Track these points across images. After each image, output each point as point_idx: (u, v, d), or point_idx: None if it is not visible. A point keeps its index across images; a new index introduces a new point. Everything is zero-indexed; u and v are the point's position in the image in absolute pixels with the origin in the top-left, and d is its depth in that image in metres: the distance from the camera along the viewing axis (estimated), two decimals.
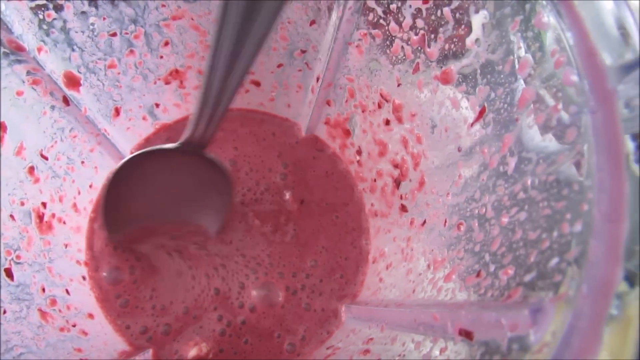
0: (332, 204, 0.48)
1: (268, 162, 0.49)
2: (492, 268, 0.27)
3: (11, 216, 0.34)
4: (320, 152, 0.50)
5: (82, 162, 0.41)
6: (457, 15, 0.30)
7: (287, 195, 0.48)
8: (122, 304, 0.41)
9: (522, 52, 0.26)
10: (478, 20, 0.29)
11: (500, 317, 0.23)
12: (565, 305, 0.20)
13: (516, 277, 0.24)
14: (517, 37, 0.26)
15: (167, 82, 0.44)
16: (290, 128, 0.51)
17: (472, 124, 0.31)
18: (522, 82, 0.27)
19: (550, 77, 0.24)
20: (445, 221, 0.34)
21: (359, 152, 0.47)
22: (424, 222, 0.38)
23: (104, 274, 0.42)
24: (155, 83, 0.43)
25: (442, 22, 0.31)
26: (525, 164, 0.26)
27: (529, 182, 0.26)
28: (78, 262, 0.41)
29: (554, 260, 0.22)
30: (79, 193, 0.42)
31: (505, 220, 0.27)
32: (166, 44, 0.40)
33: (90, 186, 0.43)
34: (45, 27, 0.33)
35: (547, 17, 0.24)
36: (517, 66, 0.27)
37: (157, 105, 0.45)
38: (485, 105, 0.30)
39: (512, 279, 0.25)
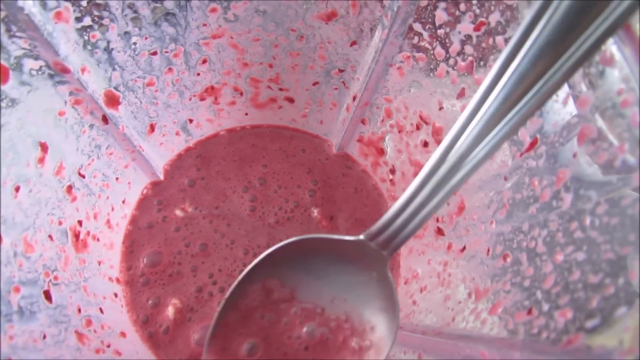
0: (360, 219, 0.48)
1: (297, 179, 0.48)
2: (545, 307, 0.26)
3: (50, 237, 0.33)
4: (349, 170, 0.50)
5: (117, 179, 0.41)
6: None
7: (316, 212, 0.47)
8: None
9: (583, 88, 0.26)
10: None
11: None
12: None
13: (576, 322, 0.24)
14: (578, 72, 0.26)
15: (202, 99, 0.43)
16: (321, 145, 0.50)
17: (521, 154, 0.31)
18: (582, 117, 0.26)
19: (616, 116, 0.24)
20: (489, 250, 0.33)
21: (392, 171, 0.46)
22: (464, 248, 0.37)
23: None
24: (190, 99, 0.43)
25: (494, 50, 0.30)
26: (583, 201, 0.26)
27: (587, 221, 0.25)
28: (110, 279, 0.41)
29: (621, 310, 0.21)
30: (113, 209, 0.42)
31: (559, 257, 0.27)
32: (204, 61, 0.40)
33: (123, 202, 0.43)
34: (89, 47, 0.32)
35: (614, 54, 0.23)
36: (576, 101, 0.26)
37: (191, 120, 0.45)
38: (538, 136, 0.29)
39: (571, 323, 0.24)
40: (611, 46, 0.24)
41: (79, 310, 0.35)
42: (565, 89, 0.27)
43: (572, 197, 0.26)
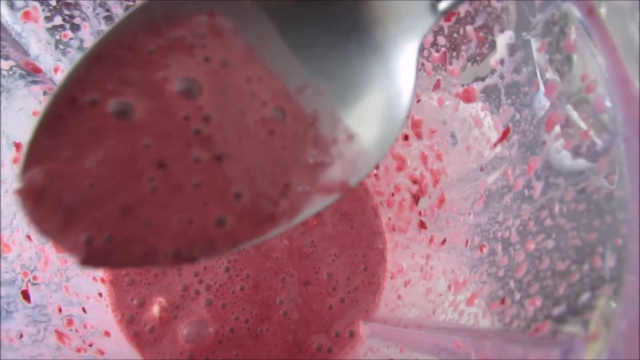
0: (346, 213, 0.48)
1: None
2: (517, 296, 0.26)
3: (28, 237, 0.34)
4: None
5: None
6: (481, 34, 0.29)
7: None
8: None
9: (549, 75, 0.25)
10: (503, 40, 0.28)
11: (528, 353, 0.22)
12: (598, 344, 0.20)
13: (544, 309, 0.24)
14: (544, 59, 0.25)
15: None
16: None
17: (495, 144, 0.31)
18: (549, 104, 0.26)
19: (581, 101, 0.24)
20: (467, 241, 0.33)
21: (376, 166, 0.46)
22: (444, 240, 0.37)
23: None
24: None
25: (465, 40, 0.30)
26: (553, 189, 0.26)
27: (556, 209, 0.25)
28: (94, 278, 0.41)
29: (586, 296, 0.21)
30: None
31: (531, 246, 0.27)
32: None
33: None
34: (62, 47, 0.32)
35: (578, 40, 0.23)
36: (544, 89, 0.26)
37: None
38: (510, 126, 0.29)
39: (540, 311, 0.24)
40: (574, 32, 0.24)
41: (60, 310, 0.35)
42: (534, 77, 0.27)
43: (542, 186, 0.26)
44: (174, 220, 0.20)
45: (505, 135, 0.30)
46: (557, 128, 0.25)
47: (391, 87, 0.24)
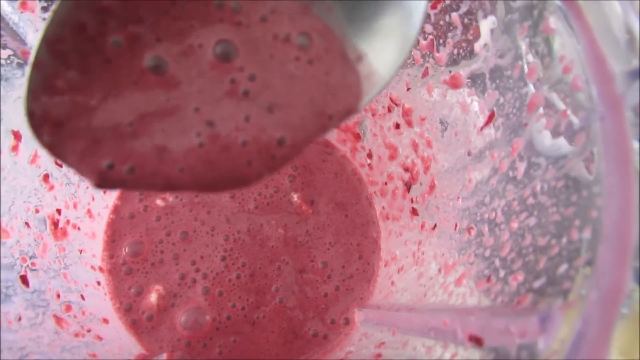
0: (341, 203, 0.48)
1: None
2: (502, 273, 0.27)
3: (26, 224, 0.34)
4: (329, 155, 0.50)
5: None
6: (466, 20, 0.30)
7: (296, 197, 0.48)
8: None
9: (530, 58, 0.26)
10: (486, 25, 0.29)
11: (509, 324, 0.23)
12: (574, 312, 0.20)
13: (525, 284, 0.24)
14: (525, 43, 0.26)
15: None
16: None
17: (481, 128, 0.31)
18: (531, 87, 0.27)
19: (559, 82, 0.24)
20: (456, 225, 0.34)
21: (369, 156, 0.47)
22: (435, 225, 0.38)
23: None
24: None
25: (451, 27, 0.31)
26: (535, 169, 0.26)
27: (538, 187, 0.26)
28: (93, 267, 0.42)
29: (563, 267, 0.22)
30: (93, 199, 0.42)
31: (515, 225, 0.27)
32: None
33: (104, 192, 0.44)
34: None
35: (555, 22, 0.24)
36: (525, 71, 0.27)
37: None
38: (495, 109, 0.30)
39: (522, 285, 0.25)
40: (552, 14, 0.24)
41: (58, 296, 0.36)
42: (517, 60, 0.27)
43: (525, 166, 0.27)
44: (214, 174, 0.21)
45: (490, 119, 0.30)
46: (539, 109, 0.26)
47: (402, 6, 0.23)
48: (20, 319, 0.31)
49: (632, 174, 0.20)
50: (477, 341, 0.25)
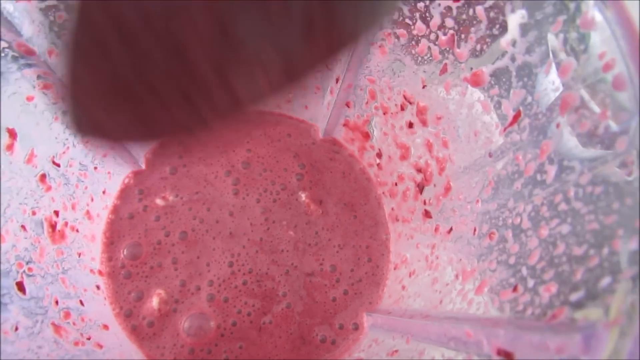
0: (349, 203, 0.47)
1: (283, 163, 0.47)
2: (530, 283, 0.25)
3: (22, 227, 0.33)
4: (337, 154, 0.49)
5: (95, 168, 0.40)
6: (492, 14, 0.28)
7: (304, 196, 0.46)
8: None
9: (564, 55, 0.25)
10: (515, 20, 0.27)
11: (547, 340, 0.21)
12: (620, 329, 0.19)
13: (560, 295, 0.23)
14: (559, 38, 0.25)
15: None
16: (307, 130, 0.49)
17: (505, 129, 0.30)
18: (563, 86, 0.25)
19: (598, 82, 0.23)
20: (475, 229, 0.33)
21: (379, 155, 0.45)
22: (450, 229, 0.36)
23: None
24: None
25: (475, 22, 0.29)
26: (567, 173, 0.25)
27: (571, 192, 0.24)
28: (92, 270, 0.40)
29: (606, 280, 0.20)
30: (92, 200, 0.41)
31: (544, 232, 0.26)
32: None
33: (104, 192, 0.42)
34: (56, 29, 0.31)
35: (595, 17, 0.22)
36: (557, 69, 0.25)
37: None
38: (521, 109, 0.28)
39: (556, 297, 0.23)
40: (592, 8, 0.23)
41: (57, 302, 0.34)
42: (547, 57, 0.26)
43: (556, 169, 0.26)
44: None
45: (516, 119, 0.29)
46: (572, 110, 0.25)
47: None
48: (17, 328, 0.29)
49: None
50: (507, 355, 0.24)
